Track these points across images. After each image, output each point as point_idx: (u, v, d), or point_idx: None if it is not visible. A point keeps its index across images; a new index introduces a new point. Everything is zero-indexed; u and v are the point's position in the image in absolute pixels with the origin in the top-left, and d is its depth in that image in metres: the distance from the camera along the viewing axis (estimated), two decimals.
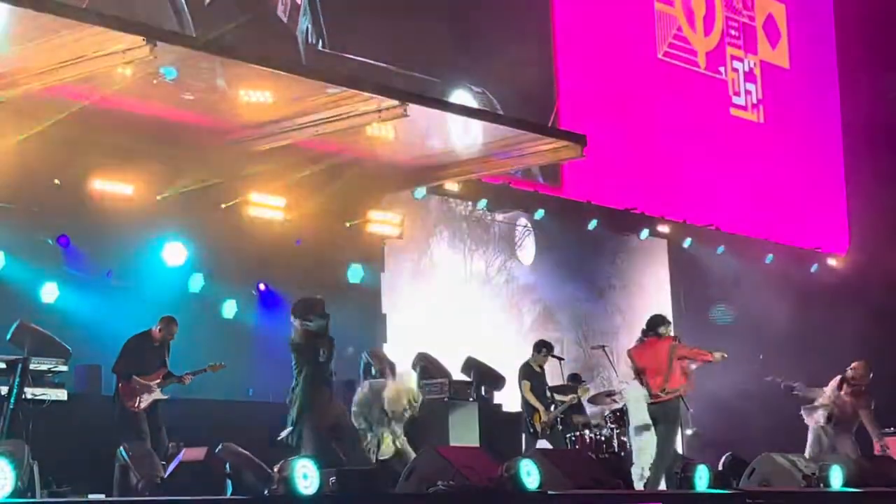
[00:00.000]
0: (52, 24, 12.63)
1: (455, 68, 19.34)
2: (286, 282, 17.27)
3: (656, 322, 14.79)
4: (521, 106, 18.99)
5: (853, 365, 16.21)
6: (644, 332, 14.81)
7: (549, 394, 16.43)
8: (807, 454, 15.26)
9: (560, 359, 17.38)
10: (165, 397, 14.04)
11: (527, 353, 16.97)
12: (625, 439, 15.73)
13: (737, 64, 24.23)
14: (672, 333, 14.89)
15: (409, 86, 17.12)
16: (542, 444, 16.07)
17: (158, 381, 13.98)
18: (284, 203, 17.32)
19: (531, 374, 16.41)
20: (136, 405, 13.77)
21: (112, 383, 14.12)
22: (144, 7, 15.40)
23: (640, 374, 14.66)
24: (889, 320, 22.79)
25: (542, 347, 16.56)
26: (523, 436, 16.74)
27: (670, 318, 22.15)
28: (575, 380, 17.05)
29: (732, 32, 24.28)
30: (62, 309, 15.25)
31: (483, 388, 17.01)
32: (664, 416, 14.36)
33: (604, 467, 12.99)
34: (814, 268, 24.64)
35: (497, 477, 10.79)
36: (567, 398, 16.53)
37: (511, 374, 17.15)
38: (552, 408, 16.25)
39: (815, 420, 16.05)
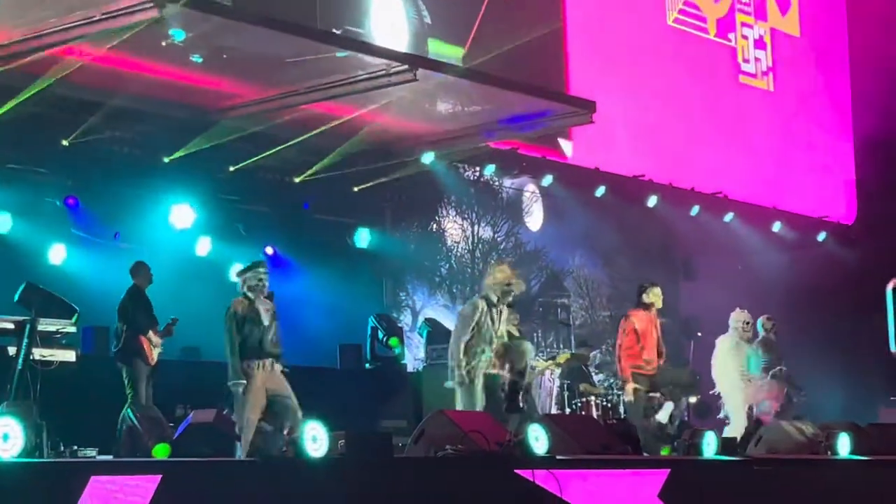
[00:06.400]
0: None
1: None
2: (294, 246, 17.23)
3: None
4: (530, 71, 18.88)
5: None
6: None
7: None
8: None
9: (567, 325, 17.34)
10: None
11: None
12: None
13: (746, 31, 24.08)
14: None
15: None
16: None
17: (160, 332, 13.76)
18: (292, 167, 17.27)
19: None
20: (153, 359, 13.61)
21: None
22: None
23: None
24: None
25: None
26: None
27: (677, 285, 22.33)
28: (583, 346, 16.95)
29: None
30: (69, 271, 15.24)
31: None
32: None
33: (612, 432, 12.95)
34: (821, 236, 24.56)
35: (505, 442, 10.75)
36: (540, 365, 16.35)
37: None
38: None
39: None
